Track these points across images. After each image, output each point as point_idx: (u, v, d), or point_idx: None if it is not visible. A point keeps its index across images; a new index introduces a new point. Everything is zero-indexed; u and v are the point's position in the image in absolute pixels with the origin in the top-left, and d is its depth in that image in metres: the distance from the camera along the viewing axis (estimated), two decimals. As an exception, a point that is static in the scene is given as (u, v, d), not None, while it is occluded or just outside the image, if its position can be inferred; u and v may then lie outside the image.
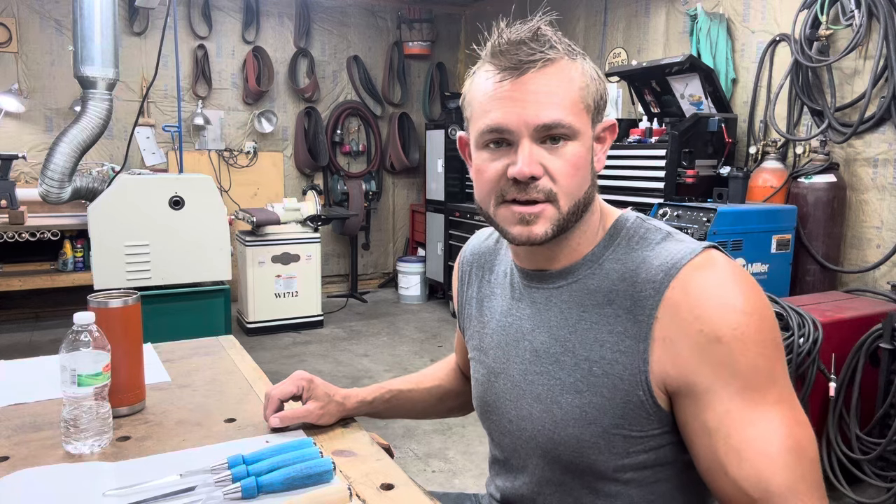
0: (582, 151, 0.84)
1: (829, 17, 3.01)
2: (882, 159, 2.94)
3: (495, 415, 0.99)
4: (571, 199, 0.84)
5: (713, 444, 0.78)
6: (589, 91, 0.84)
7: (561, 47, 0.83)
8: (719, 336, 0.77)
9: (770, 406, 0.77)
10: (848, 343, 2.39)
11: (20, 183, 4.55)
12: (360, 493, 0.88)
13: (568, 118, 0.81)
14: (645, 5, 4.24)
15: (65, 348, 0.97)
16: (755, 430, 0.76)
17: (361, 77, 5.85)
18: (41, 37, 4.79)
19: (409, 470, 2.64)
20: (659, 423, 0.83)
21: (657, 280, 0.82)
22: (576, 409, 0.86)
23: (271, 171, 5.63)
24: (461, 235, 5.05)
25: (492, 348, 1.00)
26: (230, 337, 1.60)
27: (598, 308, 0.86)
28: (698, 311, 0.78)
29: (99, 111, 3.17)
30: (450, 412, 1.28)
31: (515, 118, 0.81)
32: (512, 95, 0.82)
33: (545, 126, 0.81)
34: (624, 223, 0.91)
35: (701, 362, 0.78)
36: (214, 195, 3.27)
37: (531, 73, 0.81)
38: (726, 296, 0.78)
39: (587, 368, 0.85)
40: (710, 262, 0.81)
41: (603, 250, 0.89)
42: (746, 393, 0.77)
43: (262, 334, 4.63)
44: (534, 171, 0.82)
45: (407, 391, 1.19)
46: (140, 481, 0.87)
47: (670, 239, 0.87)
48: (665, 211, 3.05)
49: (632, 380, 0.82)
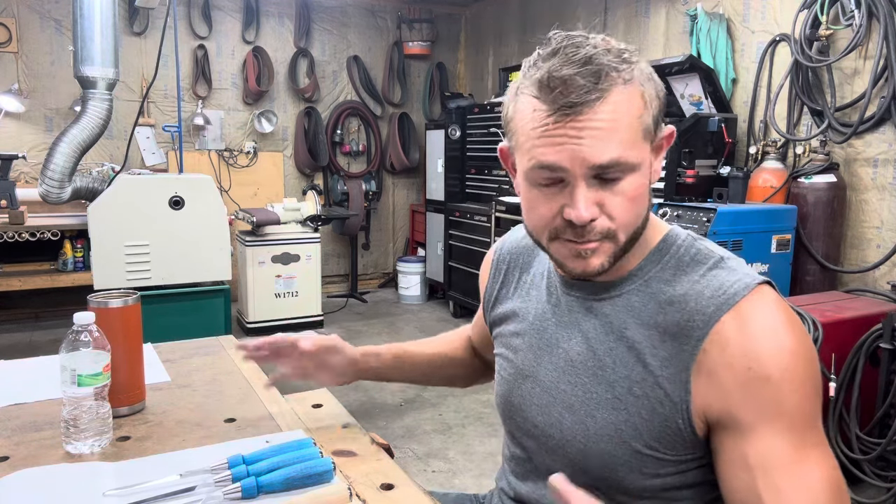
0: (642, 181, 0.80)
1: (829, 18, 3.01)
2: (882, 159, 2.94)
3: (519, 417, 0.97)
4: (629, 230, 0.82)
5: (753, 479, 0.77)
6: (649, 112, 0.80)
7: (614, 72, 0.76)
8: (769, 375, 0.76)
9: (811, 448, 0.77)
10: (848, 343, 2.39)
11: (20, 183, 4.54)
12: (360, 493, 0.88)
13: (626, 153, 0.77)
14: (645, 5, 4.24)
15: (65, 348, 0.97)
16: (797, 470, 0.76)
17: (361, 77, 5.85)
18: (41, 37, 4.79)
19: (409, 470, 2.64)
20: (693, 449, 0.83)
21: (707, 312, 0.80)
22: (611, 426, 0.85)
23: (271, 171, 5.63)
24: (461, 235, 5.05)
25: (522, 349, 0.98)
26: (230, 337, 1.60)
27: (642, 328, 0.85)
28: (748, 348, 0.77)
29: (99, 111, 3.17)
30: (451, 380, 1.30)
31: (570, 159, 0.76)
32: (566, 133, 0.76)
33: (602, 166, 0.77)
34: (674, 240, 0.88)
35: (747, 399, 0.77)
36: (214, 195, 3.27)
37: (586, 112, 0.76)
38: (778, 336, 0.78)
39: (626, 387, 0.84)
40: (763, 300, 0.80)
41: (650, 266, 0.87)
42: (791, 433, 0.76)
43: (262, 334, 4.59)
44: (592, 215, 0.78)
45: (414, 353, 1.23)
46: (140, 481, 0.87)
47: (723, 266, 0.84)
48: (665, 211, 3.05)
49: (672, 406, 0.81)
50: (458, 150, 5.19)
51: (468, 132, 5.11)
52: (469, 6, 6.11)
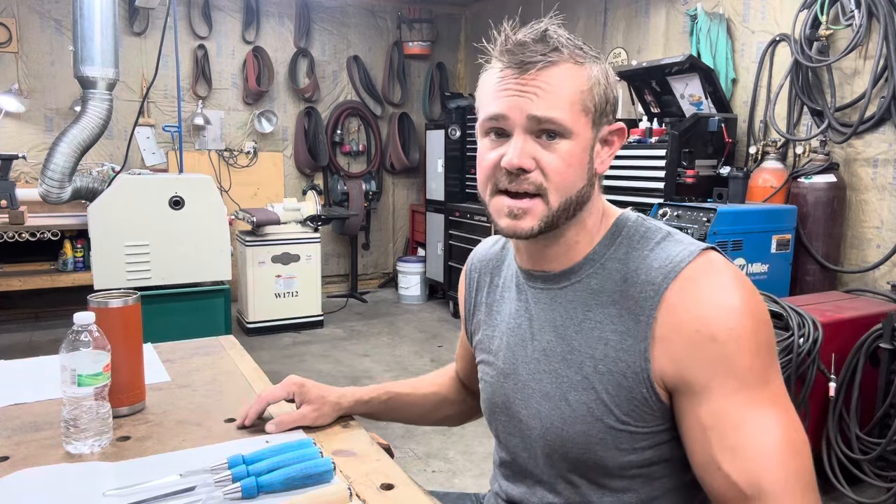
0: (576, 150, 0.85)
1: (829, 18, 3.01)
2: (882, 159, 2.94)
3: (504, 416, 1.00)
4: (561, 195, 0.86)
5: (707, 440, 0.79)
6: (592, 94, 0.86)
7: (567, 51, 0.85)
8: (715, 335, 0.79)
9: (764, 406, 0.79)
10: (848, 343, 2.39)
11: (20, 183, 4.54)
12: (360, 493, 0.88)
13: (561, 116, 0.83)
14: (645, 5, 4.24)
15: (65, 348, 0.97)
16: (749, 428, 0.78)
17: (361, 77, 5.85)
18: (41, 37, 4.79)
19: (409, 470, 2.63)
20: (662, 419, 0.86)
21: (656, 282, 0.84)
22: (583, 406, 0.88)
23: (271, 171, 5.63)
24: (461, 235, 5.05)
25: (501, 350, 1.01)
26: (230, 337, 1.60)
27: (601, 308, 0.88)
28: (696, 312, 0.80)
29: (99, 111, 3.17)
30: (445, 420, 1.28)
31: (510, 107, 0.84)
32: (512, 88, 0.84)
33: (537, 119, 0.83)
34: (625, 222, 0.93)
35: (697, 361, 0.80)
36: (214, 195, 3.27)
37: (533, 72, 0.83)
38: (723, 297, 0.80)
39: (593, 366, 0.87)
40: (707, 264, 0.83)
41: (605, 249, 0.91)
42: (741, 392, 0.78)
43: (262, 334, 4.62)
44: (523, 163, 0.84)
45: (404, 395, 1.20)
46: (140, 481, 0.87)
47: (670, 239, 0.88)
48: (665, 211, 3.05)
49: (635, 377, 0.84)
50: (458, 150, 5.19)
51: (468, 132, 5.11)
52: (469, 6, 6.11)
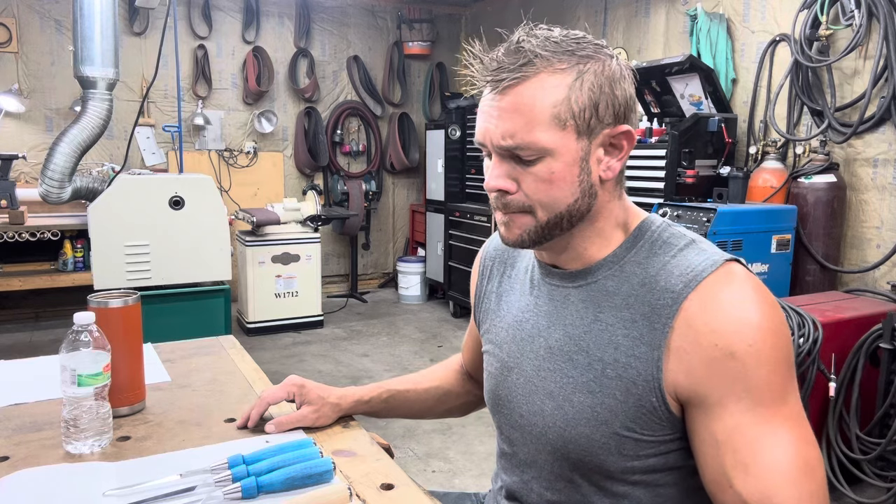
0: (558, 167, 0.82)
1: (829, 18, 3.01)
2: (882, 159, 2.94)
3: (506, 409, 0.99)
4: (549, 211, 0.84)
5: (720, 456, 0.77)
6: (570, 103, 0.80)
7: (541, 61, 0.80)
8: (734, 351, 0.77)
9: (780, 423, 0.77)
10: (848, 343, 2.39)
11: (20, 183, 4.54)
12: (360, 493, 0.88)
13: (528, 140, 0.80)
14: (645, 5, 4.24)
15: (65, 348, 0.97)
16: (764, 445, 0.76)
17: (361, 77, 5.85)
18: (41, 37, 4.79)
19: (409, 470, 2.64)
20: (671, 429, 0.83)
21: (676, 290, 0.81)
22: (587, 409, 0.86)
23: (271, 171, 5.63)
24: (461, 235, 5.05)
25: (506, 343, 1.00)
26: (230, 337, 1.60)
27: (615, 310, 0.86)
28: (714, 325, 0.78)
29: (99, 111, 3.17)
30: (448, 413, 1.28)
31: (484, 135, 0.84)
32: (489, 111, 0.83)
33: (504, 148, 0.82)
34: (648, 227, 0.90)
35: (713, 375, 0.78)
36: (214, 195, 3.27)
37: (507, 90, 0.81)
38: (743, 311, 0.78)
39: (600, 369, 0.85)
40: (729, 276, 0.81)
41: (625, 252, 0.89)
42: (757, 409, 0.77)
43: (262, 334, 4.62)
44: (500, 186, 0.84)
45: (405, 391, 1.19)
46: (140, 481, 0.87)
47: (693, 247, 0.85)
48: (665, 211, 3.05)
49: (645, 385, 0.82)
50: (458, 150, 5.19)
51: (468, 132, 5.11)
52: (469, 6, 6.11)
